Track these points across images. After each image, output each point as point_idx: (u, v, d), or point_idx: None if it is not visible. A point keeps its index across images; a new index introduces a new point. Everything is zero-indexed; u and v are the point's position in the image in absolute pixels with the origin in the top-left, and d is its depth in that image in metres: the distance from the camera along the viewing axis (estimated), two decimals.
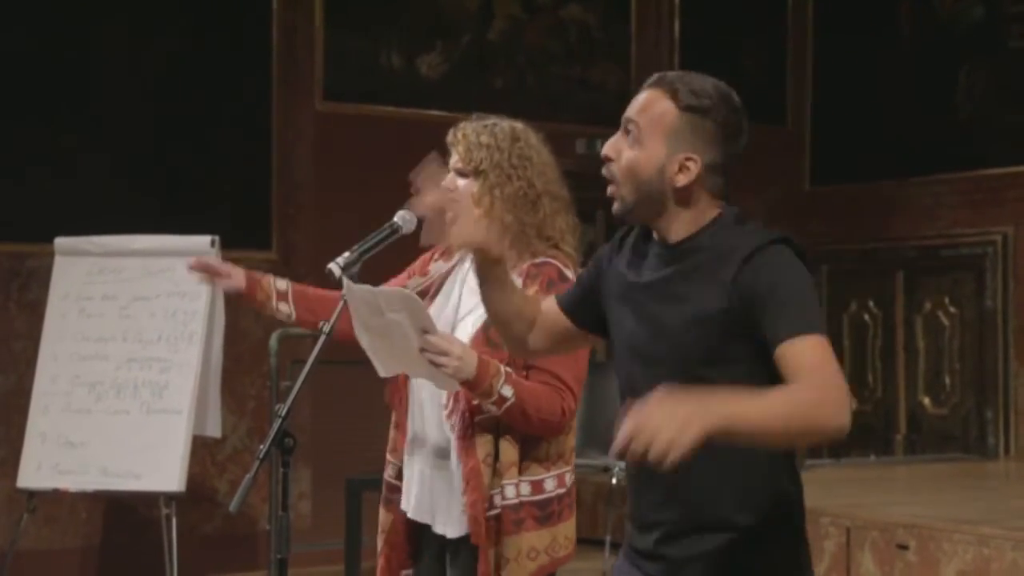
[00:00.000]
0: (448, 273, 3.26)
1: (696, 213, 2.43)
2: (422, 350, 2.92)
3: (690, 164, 2.40)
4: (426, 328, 2.93)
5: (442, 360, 2.91)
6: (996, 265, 8.49)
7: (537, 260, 3.12)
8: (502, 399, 2.97)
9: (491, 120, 3.21)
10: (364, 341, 3.06)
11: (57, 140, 6.88)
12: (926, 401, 8.92)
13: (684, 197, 2.42)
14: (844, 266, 9.30)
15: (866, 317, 9.22)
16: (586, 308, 2.62)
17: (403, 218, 3.14)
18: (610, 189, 2.45)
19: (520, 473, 3.07)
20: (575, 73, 8.55)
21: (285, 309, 3.37)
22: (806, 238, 9.13)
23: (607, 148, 2.45)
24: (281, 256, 7.48)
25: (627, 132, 2.44)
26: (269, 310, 3.39)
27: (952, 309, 8.82)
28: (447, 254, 3.28)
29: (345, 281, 3.00)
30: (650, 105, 2.42)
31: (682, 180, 2.40)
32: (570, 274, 3.09)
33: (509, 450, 3.06)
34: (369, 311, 2.98)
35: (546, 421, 3.03)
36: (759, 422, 2.15)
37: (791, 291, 2.32)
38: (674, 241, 2.44)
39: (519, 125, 3.22)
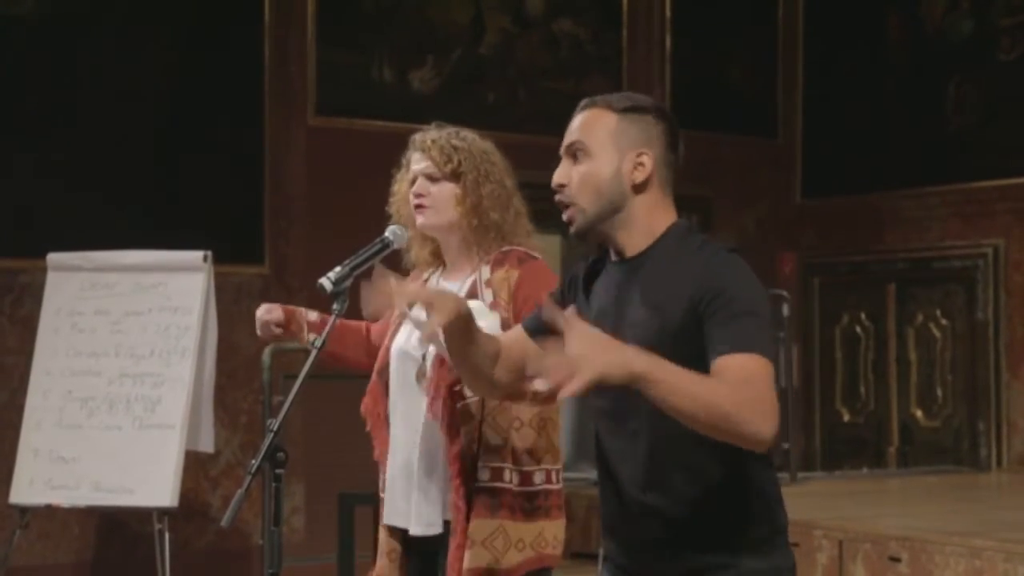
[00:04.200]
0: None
1: (652, 221, 2.42)
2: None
3: (643, 159, 2.41)
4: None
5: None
6: (987, 277, 8.51)
7: (504, 248, 3.16)
8: None
9: (451, 127, 3.25)
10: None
11: (49, 156, 6.87)
12: (918, 413, 8.92)
13: (643, 195, 2.41)
14: (836, 279, 9.30)
15: (858, 330, 9.22)
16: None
17: (394, 232, 3.16)
18: (567, 214, 2.43)
19: (505, 461, 3.06)
20: (567, 87, 8.55)
21: (315, 339, 3.33)
22: (797, 251, 9.16)
23: (557, 177, 2.44)
24: (273, 270, 7.48)
25: (572, 155, 2.44)
26: (303, 341, 3.38)
27: (944, 321, 8.83)
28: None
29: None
30: (589, 122, 2.44)
31: (640, 176, 2.41)
32: (538, 255, 3.16)
33: (492, 436, 3.07)
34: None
35: None
36: (678, 389, 2.13)
37: (742, 306, 2.27)
38: (631, 255, 2.43)
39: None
